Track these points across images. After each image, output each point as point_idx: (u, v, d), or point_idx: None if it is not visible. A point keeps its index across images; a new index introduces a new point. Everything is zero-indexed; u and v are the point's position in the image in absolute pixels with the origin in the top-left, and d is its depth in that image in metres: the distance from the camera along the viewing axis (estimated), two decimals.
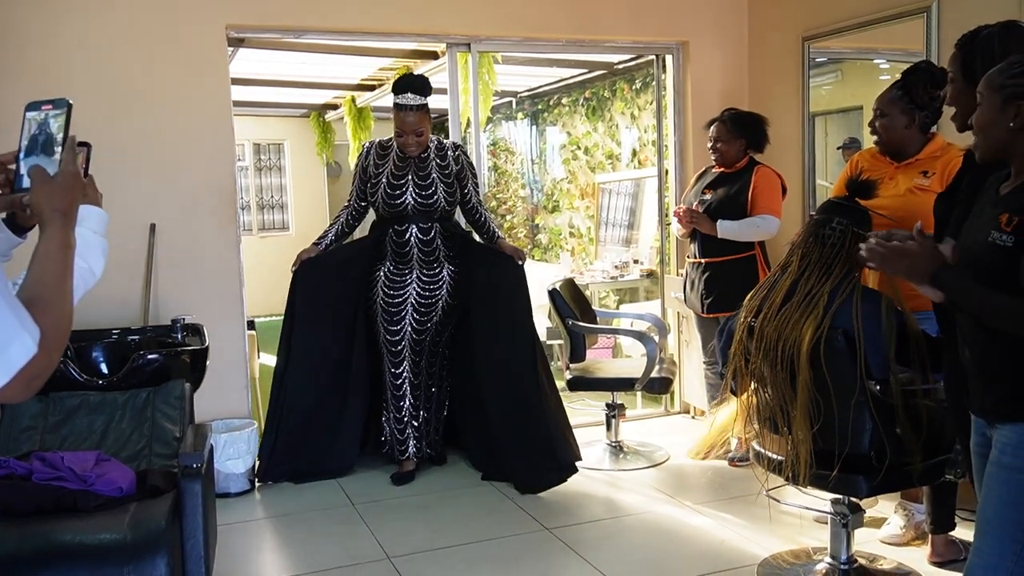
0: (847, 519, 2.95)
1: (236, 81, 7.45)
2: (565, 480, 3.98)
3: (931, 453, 2.81)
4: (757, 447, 3.02)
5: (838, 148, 5.07)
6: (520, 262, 4.22)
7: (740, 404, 2.95)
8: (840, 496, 2.93)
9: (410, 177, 4.06)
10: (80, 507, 2.41)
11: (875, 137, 3.30)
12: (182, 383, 3.01)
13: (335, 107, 9.42)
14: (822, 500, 3.18)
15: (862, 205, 2.79)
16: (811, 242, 2.75)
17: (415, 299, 4.11)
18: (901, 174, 3.21)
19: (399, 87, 3.99)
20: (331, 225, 4.27)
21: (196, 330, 3.67)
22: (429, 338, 4.17)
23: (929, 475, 2.84)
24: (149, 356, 3.15)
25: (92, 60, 4.04)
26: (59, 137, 1.34)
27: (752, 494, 3.85)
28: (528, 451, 4.03)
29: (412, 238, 4.07)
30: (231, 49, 6.17)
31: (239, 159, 10.83)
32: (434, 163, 4.09)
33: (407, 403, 4.17)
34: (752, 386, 2.90)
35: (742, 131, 4.24)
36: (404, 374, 4.15)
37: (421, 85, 3.99)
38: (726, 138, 4.24)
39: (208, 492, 2.51)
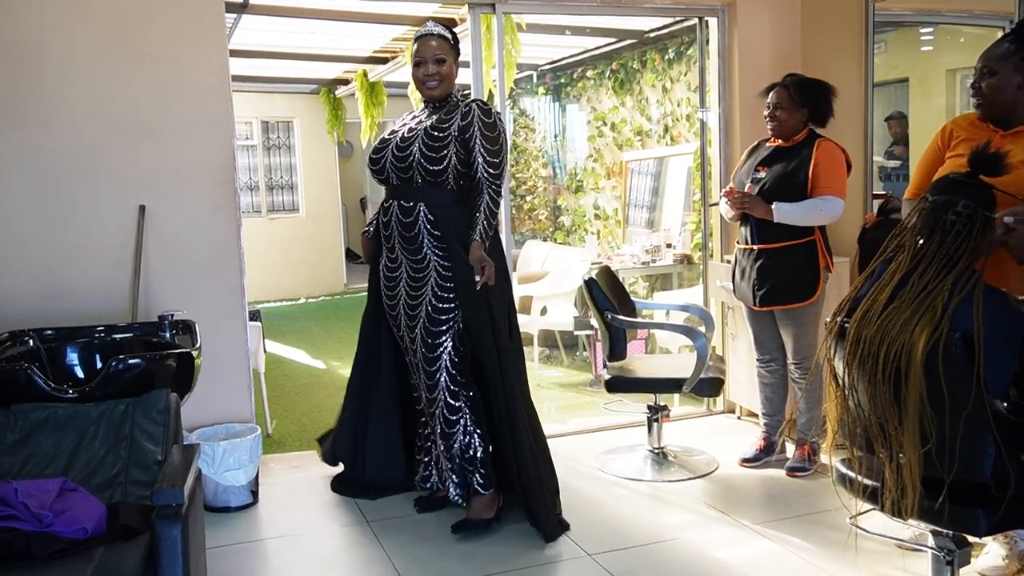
0: (953, 555, 2.49)
1: (242, 53, 7.08)
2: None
3: None
4: (843, 468, 2.56)
5: (885, 120, 4.63)
6: (478, 277, 3.14)
7: (828, 418, 2.48)
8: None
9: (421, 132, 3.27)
10: (34, 553, 1.98)
11: (975, 100, 2.81)
12: (166, 393, 2.56)
13: (346, 82, 8.97)
14: (911, 527, 2.72)
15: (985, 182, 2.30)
16: (929, 229, 2.26)
17: (405, 298, 3.38)
18: (1011, 144, 2.71)
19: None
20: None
21: (188, 327, 3.22)
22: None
23: None
24: (130, 361, 2.70)
25: (73, 21, 3.59)
26: None
27: (820, 511, 3.42)
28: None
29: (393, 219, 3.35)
30: (234, 16, 5.72)
31: (247, 137, 10.49)
32: (456, 122, 3.25)
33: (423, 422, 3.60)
34: (841, 397, 2.43)
35: (806, 100, 3.74)
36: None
37: (448, 27, 3.41)
38: (788, 106, 3.75)
39: (192, 534, 2.07)
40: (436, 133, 3.24)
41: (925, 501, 2.29)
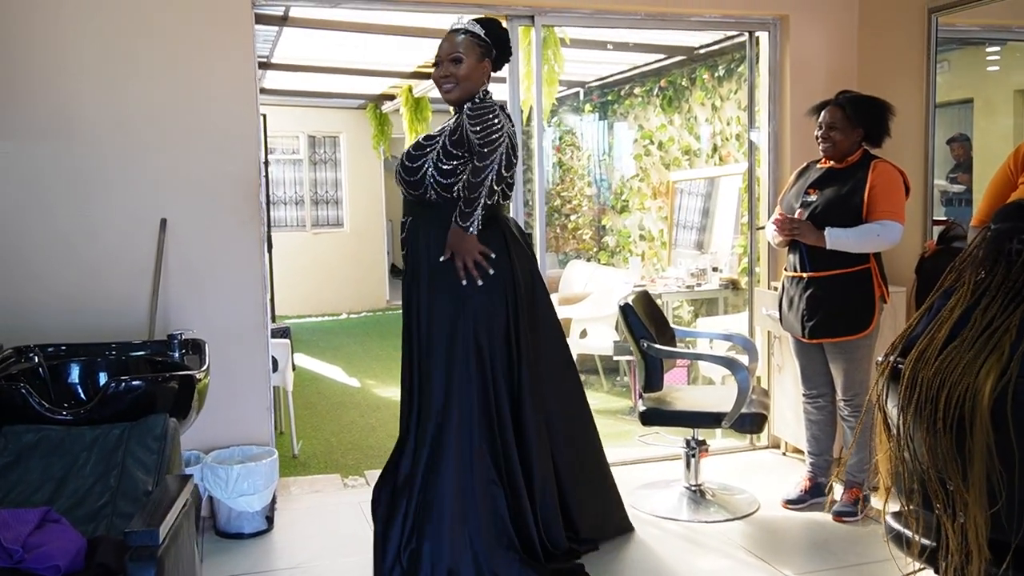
0: None
1: (286, 67, 7.04)
2: None
3: None
4: (895, 524, 2.32)
5: (947, 142, 4.36)
6: (441, 257, 2.94)
7: (880, 469, 2.25)
8: None
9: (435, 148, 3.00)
10: None
11: None
12: (164, 418, 2.41)
13: (392, 97, 8.90)
14: None
15: None
16: (992, 260, 2.02)
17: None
18: None
19: None
20: None
21: (198, 347, 3.08)
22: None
23: None
24: (131, 383, 2.56)
25: (97, 32, 3.51)
26: None
27: (869, 562, 3.16)
28: None
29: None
30: (275, 29, 5.67)
31: (294, 152, 10.49)
32: (448, 126, 3.00)
33: None
34: (896, 447, 2.19)
35: (862, 119, 3.50)
36: None
37: (484, 20, 3.06)
38: (843, 126, 3.51)
39: (174, 575, 1.90)
40: (424, 141, 3.03)
41: (992, 568, 2.05)
